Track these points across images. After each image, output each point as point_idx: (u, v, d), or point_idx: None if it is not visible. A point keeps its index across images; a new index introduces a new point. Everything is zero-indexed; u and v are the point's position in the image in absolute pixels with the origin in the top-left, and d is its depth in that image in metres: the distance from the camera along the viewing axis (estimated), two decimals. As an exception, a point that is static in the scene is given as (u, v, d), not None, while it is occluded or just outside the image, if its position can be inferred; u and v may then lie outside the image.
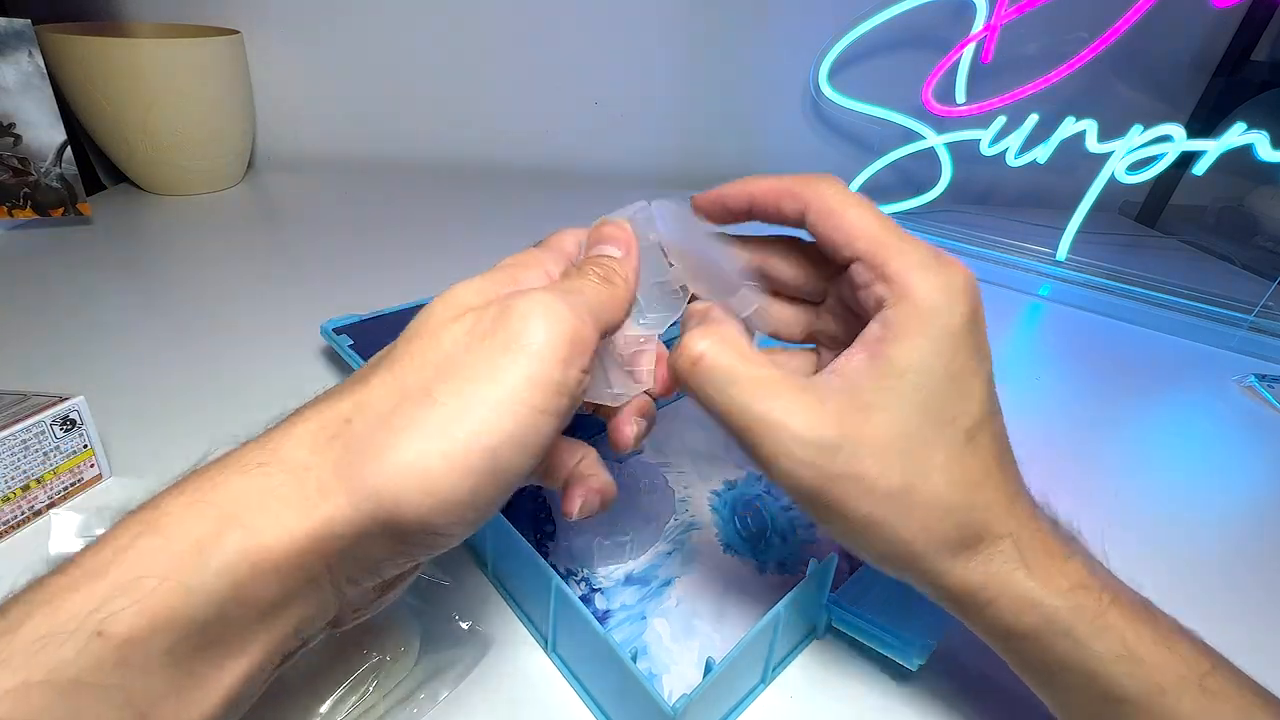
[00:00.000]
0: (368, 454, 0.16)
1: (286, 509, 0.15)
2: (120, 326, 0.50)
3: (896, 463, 0.19)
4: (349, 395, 0.17)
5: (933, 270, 0.21)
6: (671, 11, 0.88)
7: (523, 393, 0.16)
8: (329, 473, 0.16)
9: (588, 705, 0.26)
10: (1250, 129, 0.65)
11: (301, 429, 0.17)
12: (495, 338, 0.17)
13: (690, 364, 0.21)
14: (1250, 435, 0.50)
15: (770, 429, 0.19)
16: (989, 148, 0.77)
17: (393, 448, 0.16)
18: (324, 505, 0.15)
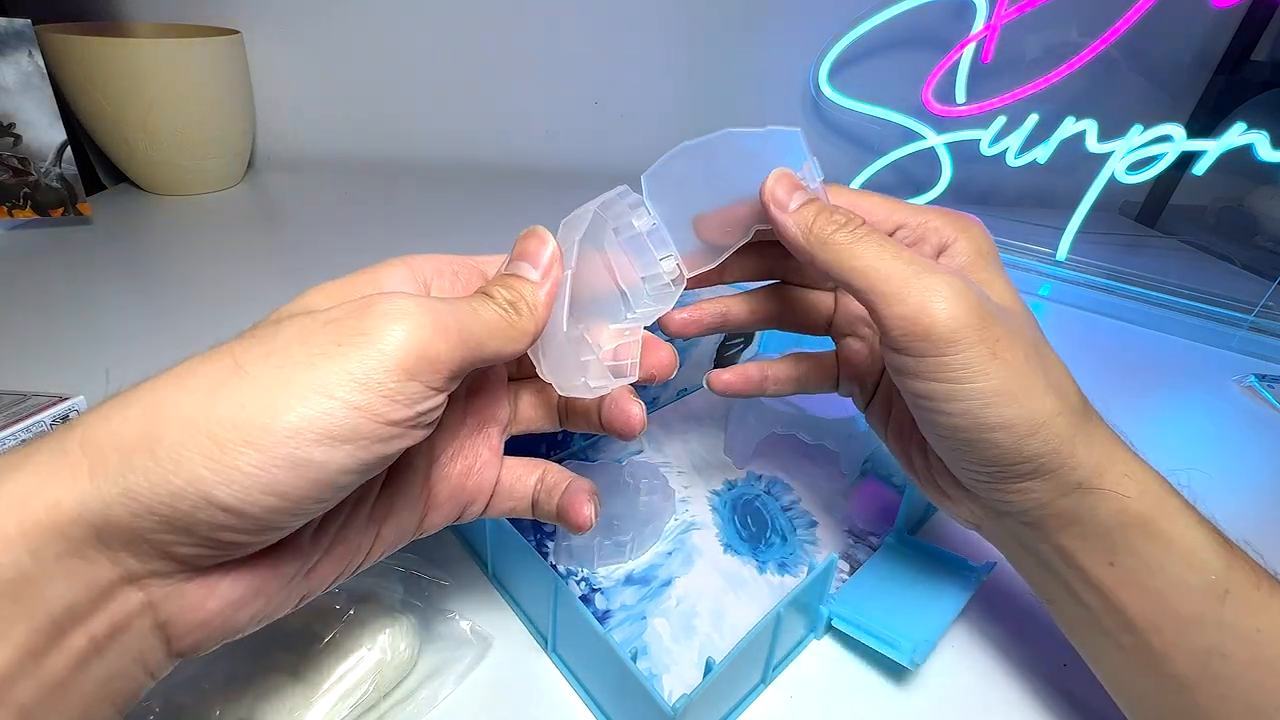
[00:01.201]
0: (158, 420, 0.14)
1: (48, 474, 0.13)
2: (120, 326, 0.50)
3: (1020, 336, 0.21)
4: (163, 375, 0.16)
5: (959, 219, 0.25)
6: (671, 11, 0.88)
7: (339, 386, 0.15)
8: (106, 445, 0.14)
9: (588, 705, 0.26)
10: (1250, 129, 0.65)
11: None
12: (338, 328, 0.16)
13: (839, 225, 0.21)
14: (1250, 435, 0.50)
15: (926, 281, 0.20)
16: (989, 148, 0.77)
17: (176, 405, 0.14)
18: (89, 476, 0.14)
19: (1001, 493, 0.22)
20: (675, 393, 0.45)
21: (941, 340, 0.20)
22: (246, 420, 0.14)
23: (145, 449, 0.14)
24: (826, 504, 0.38)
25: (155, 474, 0.13)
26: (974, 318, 0.20)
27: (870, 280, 0.20)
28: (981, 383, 0.20)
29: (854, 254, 0.21)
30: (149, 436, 0.14)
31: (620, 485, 0.34)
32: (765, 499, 0.38)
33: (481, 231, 0.74)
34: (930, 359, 0.20)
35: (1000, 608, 0.32)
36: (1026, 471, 0.21)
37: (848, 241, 0.21)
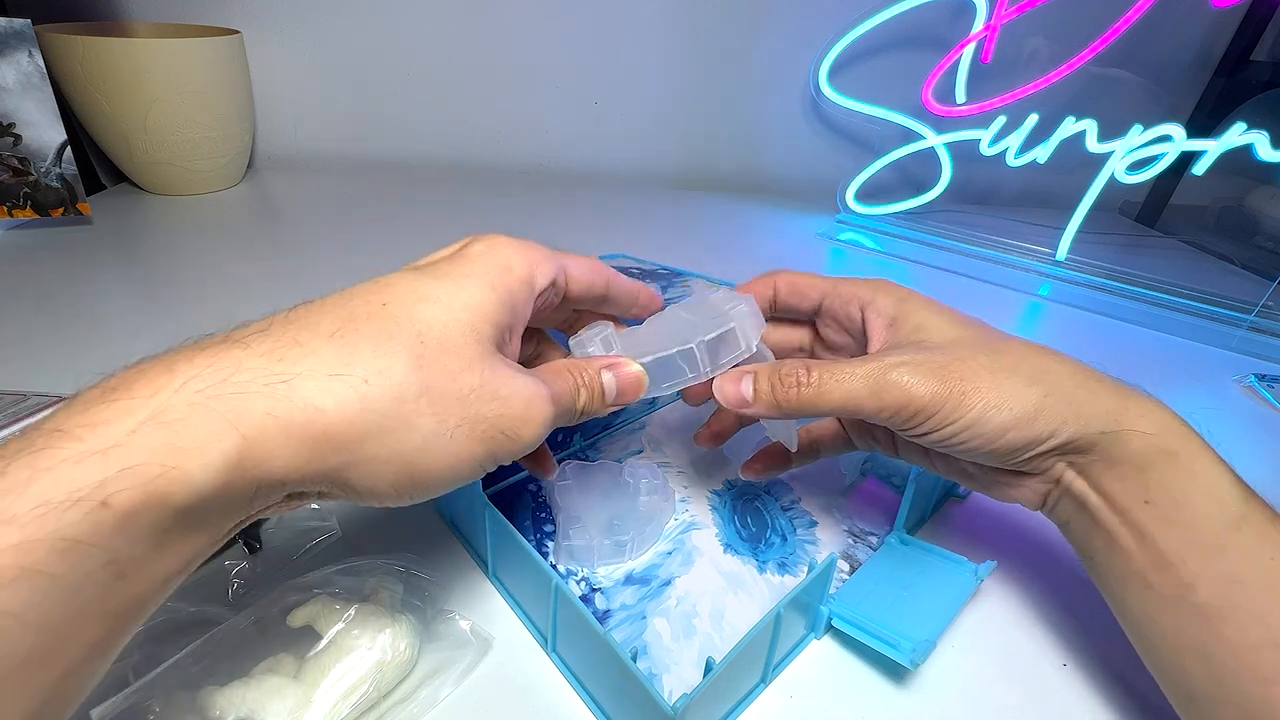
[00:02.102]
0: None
1: (286, 453, 0.17)
2: (120, 326, 0.50)
3: (973, 358, 0.25)
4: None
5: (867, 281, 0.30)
6: (671, 11, 0.88)
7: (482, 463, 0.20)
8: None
9: (588, 705, 0.26)
10: (1250, 129, 0.65)
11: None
12: (495, 425, 0.20)
13: (799, 388, 0.25)
14: (1250, 435, 0.50)
15: (887, 378, 0.24)
16: (989, 148, 0.77)
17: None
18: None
19: (1044, 461, 0.25)
20: (675, 393, 0.45)
21: (925, 408, 0.24)
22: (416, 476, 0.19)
23: (343, 470, 0.18)
24: (826, 504, 0.38)
25: (351, 478, 0.18)
26: (934, 375, 0.24)
27: (847, 407, 0.25)
28: (969, 414, 0.24)
29: (822, 398, 0.25)
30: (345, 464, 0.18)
31: (620, 485, 0.34)
32: (765, 499, 0.38)
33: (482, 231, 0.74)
34: (926, 422, 0.24)
35: (1000, 608, 0.32)
36: (1052, 446, 0.24)
37: (811, 393, 0.25)
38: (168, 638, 0.26)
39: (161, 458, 0.15)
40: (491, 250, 0.23)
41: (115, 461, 0.14)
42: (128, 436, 0.15)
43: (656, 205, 0.88)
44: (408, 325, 0.19)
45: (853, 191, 0.85)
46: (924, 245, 0.81)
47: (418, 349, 0.19)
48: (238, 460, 0.16)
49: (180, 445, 0.15)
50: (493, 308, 0.21)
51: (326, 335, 0.18)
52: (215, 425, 0.16)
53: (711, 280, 0.52)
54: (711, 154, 0.98)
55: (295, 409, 0.17)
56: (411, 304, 0.20)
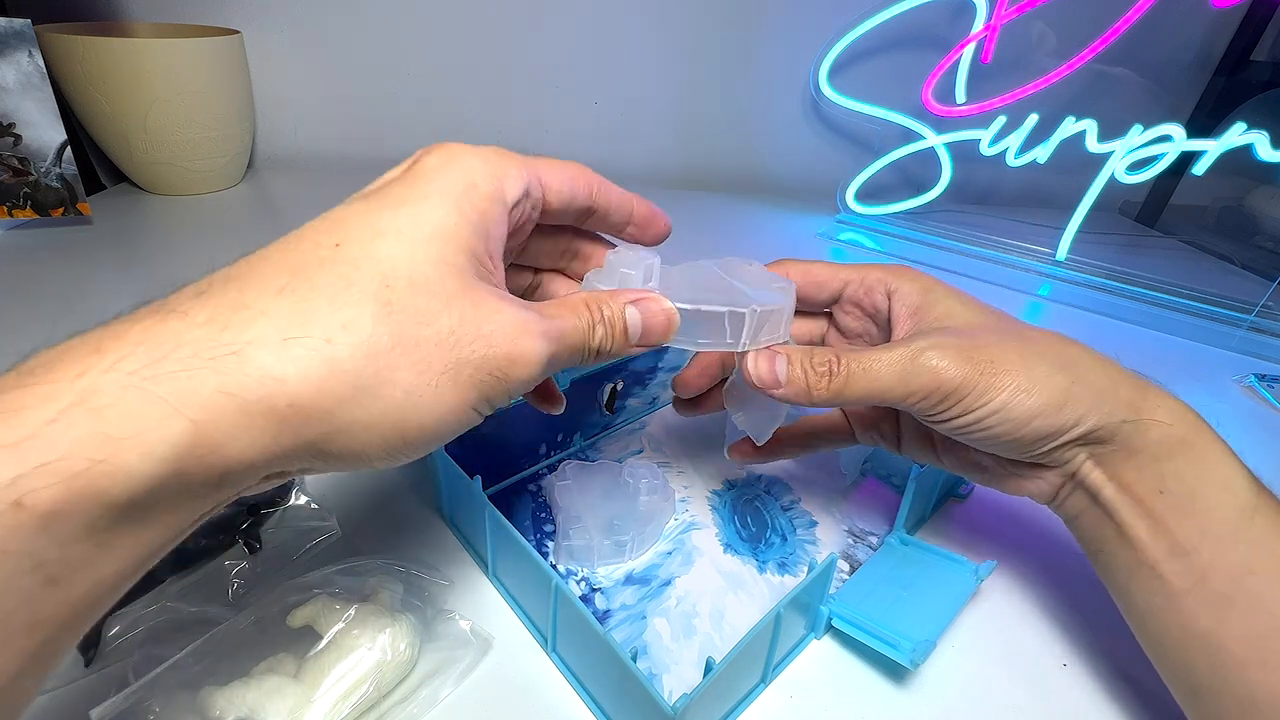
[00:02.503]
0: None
1: (251, 434, 0.15)
2: (120, 326, 0.50)
3: (1002, 343, 0.25)
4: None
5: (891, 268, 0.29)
6: (671, 11, 0.88)
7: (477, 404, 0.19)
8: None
9: (588, 705, 0.26)
10: (1250, 129, 0.65)
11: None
12: (483, 363, 0.18)
13: (831, 378, 0.24)
14: (1250, 435, 0.50)
15: (916, 363, 0.24)
16: (989, 148, 0.77)
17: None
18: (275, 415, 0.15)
19: (1065, 452, 0.25)
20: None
21: (955, 390, 0.24)
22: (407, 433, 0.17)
23: (322, 441, 0.16)
24: (826, 504, 0.38)
25: (333, 448, 0.16)
26: (964, 359, 0.24)
27: (875, 396, 0.24)
28: (999, 397, 0.24)
29: (849, 388, 0.24)
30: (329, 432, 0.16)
31: (620, 485, 0.34)
32: (765, 499, 0.38)
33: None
34: (955, 405, 0.24)
35: (1000, 608, 0.32)
36: (1076, 435, 0.24)
37: (840, 383, 0.24)
38: (168, 638, 0.26)
39: (89, 450, 0.13)
40: (449, 163, 0.20)
41: (31, 456, 0.13)
42: (46, 426, 0.13)
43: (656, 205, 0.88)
44: (368, 267, 0.17)
45: (853, 191, 0.85)
46: (924, 245, 0.81)
47: (384, 294, 0.16)
48: (189, 447, 0.14)
49: (112, 434, 0.13)
50: (464, 232, 0.18)
51: (275, 291, 0.16)
52: (155, 410, 0.14)
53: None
54: (711, 154, 0.98)
55: (250, 382, 0.15)
56: (368, 240, 0.17)
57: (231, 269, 0.17)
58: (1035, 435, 0.24)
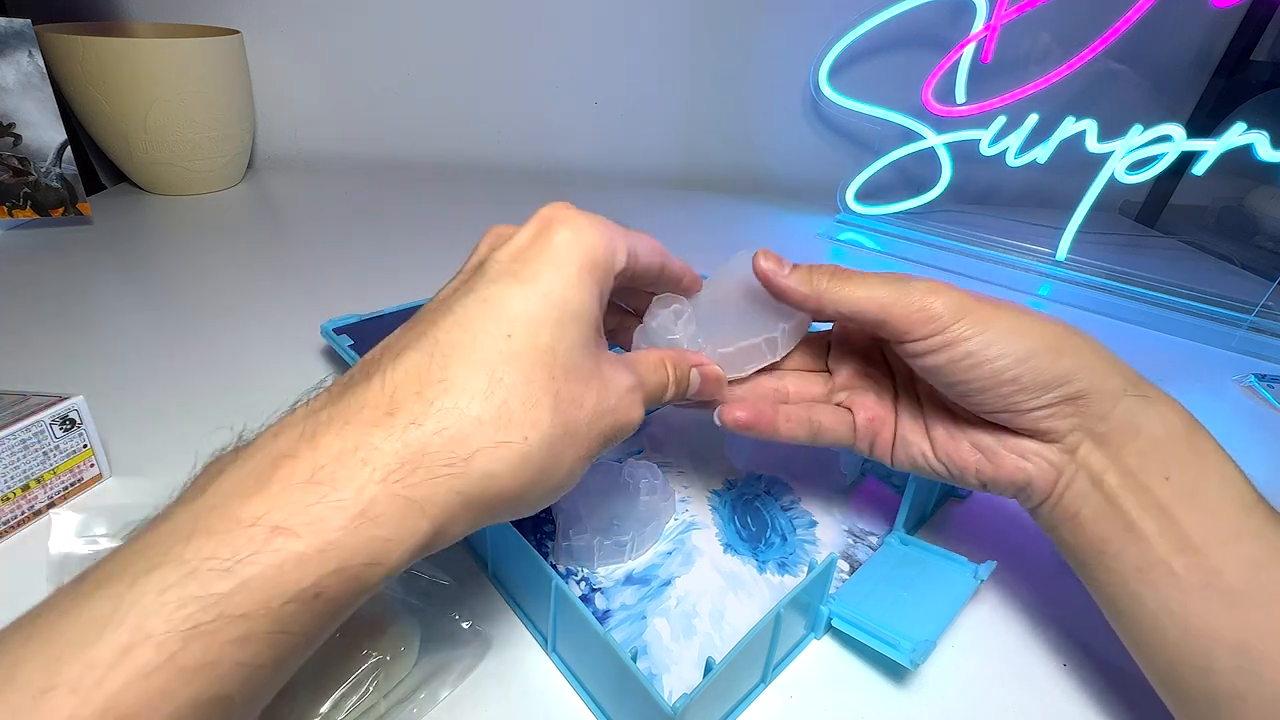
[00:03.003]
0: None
1: (464, 505, 0.18)
2: (120, 326, 0.50)
3: (1002, 301, 0.25)
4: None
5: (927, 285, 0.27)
6: (672, 11, 0.88)
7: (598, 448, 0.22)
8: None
9: (588, 705, 0.26)
10: (1250, 129, 0.65)
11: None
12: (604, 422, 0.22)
13: (829, 277, 0.26)
14: (1250, 435, 0.50)
15: (912, 285, 0.25)
16: (989, 148, 0.77)
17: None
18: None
19: (1062, 419, 0.25)
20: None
21: (947, 316, 0.24)
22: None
23: (501, 514, 0.20)
24: (826, 504, 0.38)
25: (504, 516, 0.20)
26: (960, 294, 0.24)
27: (874, 303, 0.25)
28: (995, 327, 0.24)
29: (852, 291, 0.25)
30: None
31: (620, 485, 0.34)
32: (765, 499, 0.38)
33: (482, 231, 0.74)
34: (946, 334, 0.24)
35: (1000, 608, 0.32)
36: (1075, 391, 0.24)
37: (841, 284, 0.26)
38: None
39: (368, 555, 0.16)
40: (577, 238, 0.21)
41: (331, 560, 0.15)
42: (340, 534, 0.16)
43: (656, 205, 0.88)
44: (539, 361, 0.19)
45: (853, 191, 0.85)
46: (924, 245, 0.81)
47: (553, 387, 0.19)
48: (428, 544, 0.17)
49: (386, 538, 0.16)
50: (594, 310, 0.21)
51: (482, 396, 0.18)
52: (414, 518, 0.17)
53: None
54: (712, 154, 0.98)
55: (474, 483, 0.18)
56: (534, 333, 0.19)
57: (428, 364, 0.18)
58: (1036, 377, 0.24)
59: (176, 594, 0.14)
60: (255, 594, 0.14)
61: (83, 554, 0.29)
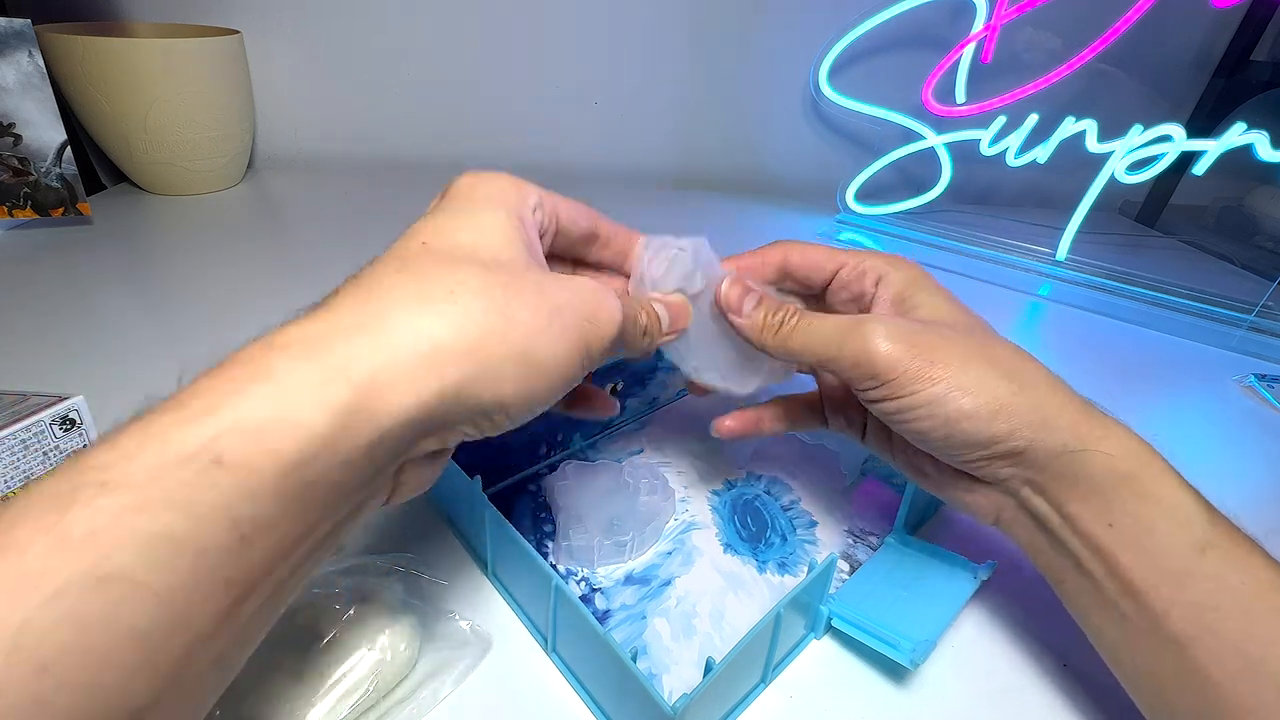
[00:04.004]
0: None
1: (405, 383, 0.17)
2: (120, 326, 0.50)
3: (954, 341, 0.25)
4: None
5: (884, 256, 0.29)
6: (671, 11, 0.88)
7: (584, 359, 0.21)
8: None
9: (588, 705, 0.26)
10: (1250, 129, 0.65)
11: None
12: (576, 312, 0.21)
13: (780, 328, 0.27)
14: (1250, 435, 0.50)
15: (854, 333, 0.25)
16: (989, 148, 0.77)
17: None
18: (433, 380, 0.17)
19: (1000, 468, 0.25)
20: (675, 393, 0.45)
21: (884, 370, 0.24)
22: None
23: (468, 385, 0.18)
24: (826, 504, 0.38)
25: (477, 391, 0.18)
26: (902, 343, 0.24)
27: (814, 355, 0.26)
28: (930, 388, 0.24)
29: (794, 340, 0.26)
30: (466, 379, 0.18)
31: (620, 485, 0.34)
32: (765, 499, 0.38)
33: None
34: (884, 386, 0.24)
35: (1000, 608, 0.32)
36: (1008, 449, 0.24)
37: (787, 334, 0.26)
38: (168, 638, 0.26)
39: (269, 409, 0.15)
40: (479, 181, 0.22)
41: (225, 419, 0.15)
42: (232, 396, 0.15)
43: (656, 205, 0.88)
44: (459, 252, 0.20)
45: (853, 191, 0.85)
46: (924, 245, 0.81)
47: (479, 260, 0.19)
48: (351, 402, 0.16)
49: (288, 398, 0.15)
50: (515, 225, 0.21)
51: (395, 273, 0.19)
52: (320, 374, 0.16)
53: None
54: (711, 154, 0.98)
55: (398, 339, 0.17)
56: (449, 236, 0.20)
57: (351, 278, 0.19)
58: (966, 439, 0.24)
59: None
60: (137, 461, 0.14)
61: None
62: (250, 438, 0.14)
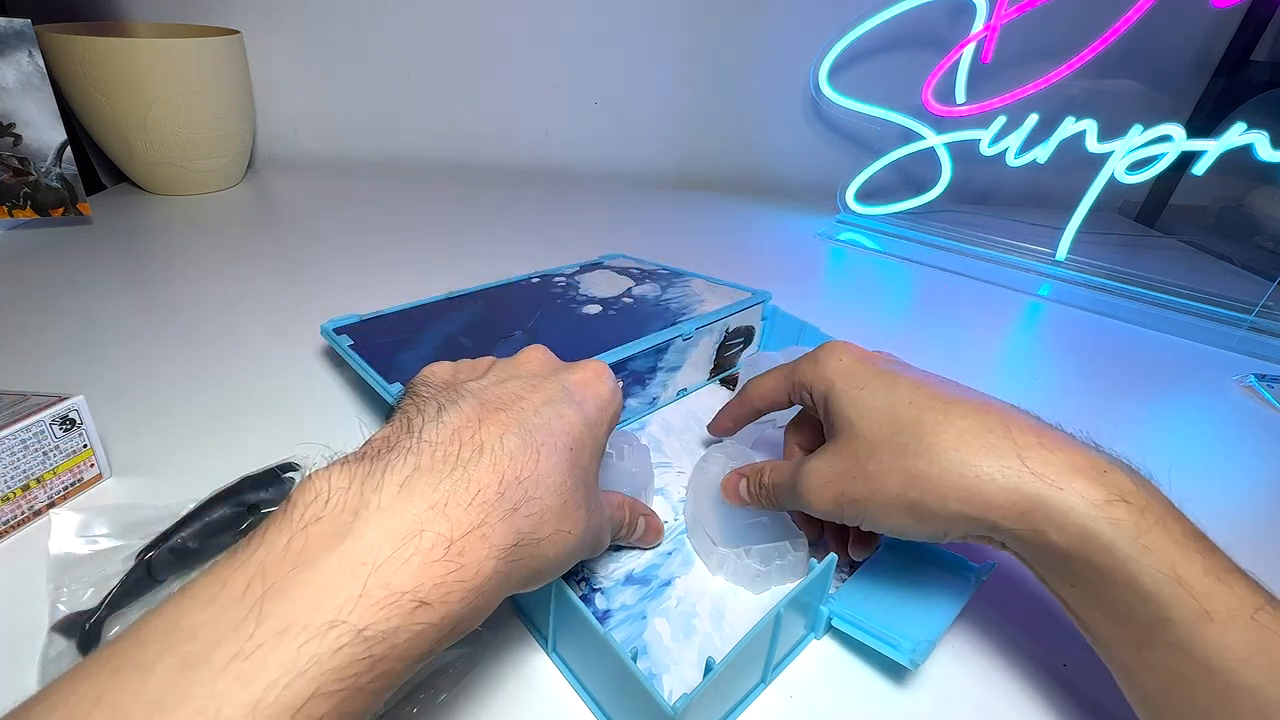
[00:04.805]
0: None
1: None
2: (120, 326, 0.50)
3: (880, 454, 0.26)
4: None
5: (811, 359, 0.31)
6: (672, 12, 0.88)
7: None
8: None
9: (588, 705, 0.26)
10: (1250, 129, 0.65)
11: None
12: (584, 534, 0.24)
13: (760, 489, 0.31)
14: (1250, 435, 0.50)
15: (793, 498, 0.29)
16: (989, 148, 0.77)
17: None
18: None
19: (959, 535, 0.25)
20: (676, 392, 0.45)
21: (829, 515, 0.28)
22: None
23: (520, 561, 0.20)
24: (826, 504, 0.38)
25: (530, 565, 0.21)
26: (831, 491, 0.27)
27: (786, 506, 0.30)
28: (864, 519, 0.27)
29: (772, 501, 0.31)
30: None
31: (604, 459, 0.35)
32: (765, 499, 0.37)
33: (481, 231, 0.74)
34: (832, 521, 0.28)
35: (1000, 608, 0.32)
36: (954, 539, 0.25)
37: (768, 497, 0.31)
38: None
39: (471, 621, 0.19)
40: (614, 394, 0.26)
41: (448, 625, 0.18)
42: (460, 606, 0.18)
43: (656, 205, 0.88)
44: (582, 475, 0.23)
45: (853, 191, 0.85)
46: (924, 245, 0.81)
47: (587, 498, 0.23)
48: (491, 611, 0.20)
49: (482, 608, 0.19)
50: (604, 449, 0.26)
51: (557, 491, 0.22)
52: (501, 589, 0.20)
53: (711, 280, 0.52)
54: (711, 154, 0.98)
55: (539, 561, 0.21)
56: (582, 452, 0.23)
57: (524, 442, 0.21)
58: (919, 535, 0.26)
59: (348, 652, 0.15)
60: (397, 658, 0.16)
61: (82, 554, 0.29)
62: (449, 638, 0.18)
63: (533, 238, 0.74)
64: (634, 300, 0.49)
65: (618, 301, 0.48)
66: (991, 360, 0.57)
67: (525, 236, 0.74)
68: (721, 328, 0.46)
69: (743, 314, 0.47)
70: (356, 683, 0.15)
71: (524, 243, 0.72)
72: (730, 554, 0.31)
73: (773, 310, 0.50)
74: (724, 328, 0.46)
